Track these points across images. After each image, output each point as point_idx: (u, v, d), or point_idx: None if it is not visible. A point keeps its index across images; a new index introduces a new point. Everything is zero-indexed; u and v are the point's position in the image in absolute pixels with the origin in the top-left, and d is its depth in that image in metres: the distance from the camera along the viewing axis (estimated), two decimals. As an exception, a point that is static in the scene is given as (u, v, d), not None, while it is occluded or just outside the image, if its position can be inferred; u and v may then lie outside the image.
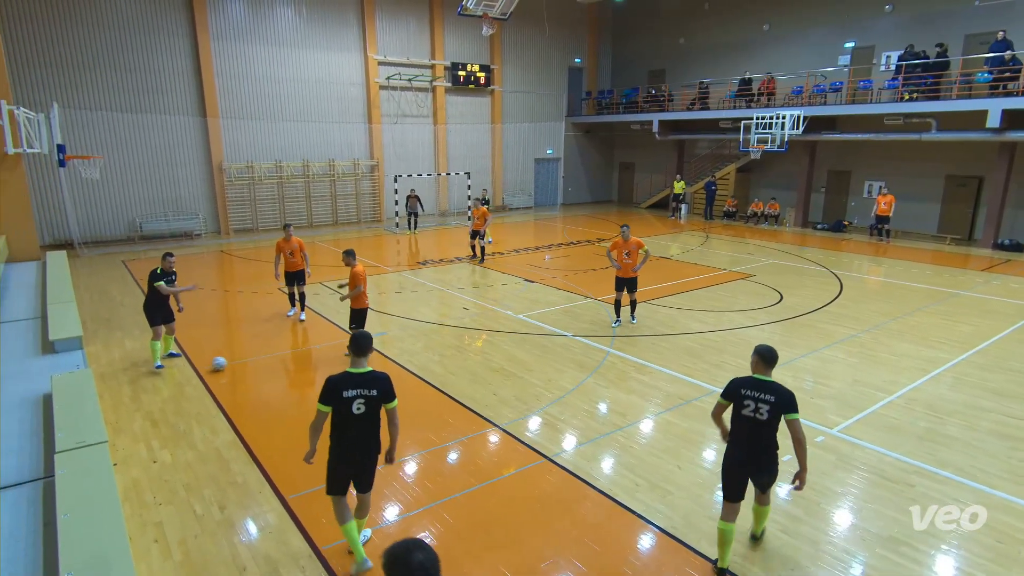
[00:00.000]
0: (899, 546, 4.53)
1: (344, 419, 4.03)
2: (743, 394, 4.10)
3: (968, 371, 7.95)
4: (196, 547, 4.51)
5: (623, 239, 9.40)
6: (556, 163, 27.13)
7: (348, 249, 8.18)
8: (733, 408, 4.17)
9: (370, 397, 4.01)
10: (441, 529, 4.74)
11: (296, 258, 9.97)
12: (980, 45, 16.71)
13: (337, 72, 20.66)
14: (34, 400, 5.73)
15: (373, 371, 4.07)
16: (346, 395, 3.98)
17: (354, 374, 4.03)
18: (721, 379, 7.68)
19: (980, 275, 13.68)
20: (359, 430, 4.07)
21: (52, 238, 16.56)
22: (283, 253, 9.97)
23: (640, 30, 26.73)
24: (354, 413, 4.00)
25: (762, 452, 4.12)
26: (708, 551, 4.46)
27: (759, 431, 4.06)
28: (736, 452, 4.18)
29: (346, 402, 3.98)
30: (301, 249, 10.01)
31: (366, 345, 4.08)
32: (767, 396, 4.01)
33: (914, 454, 5.83)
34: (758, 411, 4.03)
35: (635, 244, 9.39)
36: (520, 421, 6.57)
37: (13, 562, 3.58)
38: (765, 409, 4.01)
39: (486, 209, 15.05)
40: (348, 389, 3.99)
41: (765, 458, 4.14)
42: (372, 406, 4.05)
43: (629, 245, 9.38)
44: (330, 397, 3.98)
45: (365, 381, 4.02)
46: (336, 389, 3.98)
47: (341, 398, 3.98)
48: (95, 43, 16.52)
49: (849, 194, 20.61)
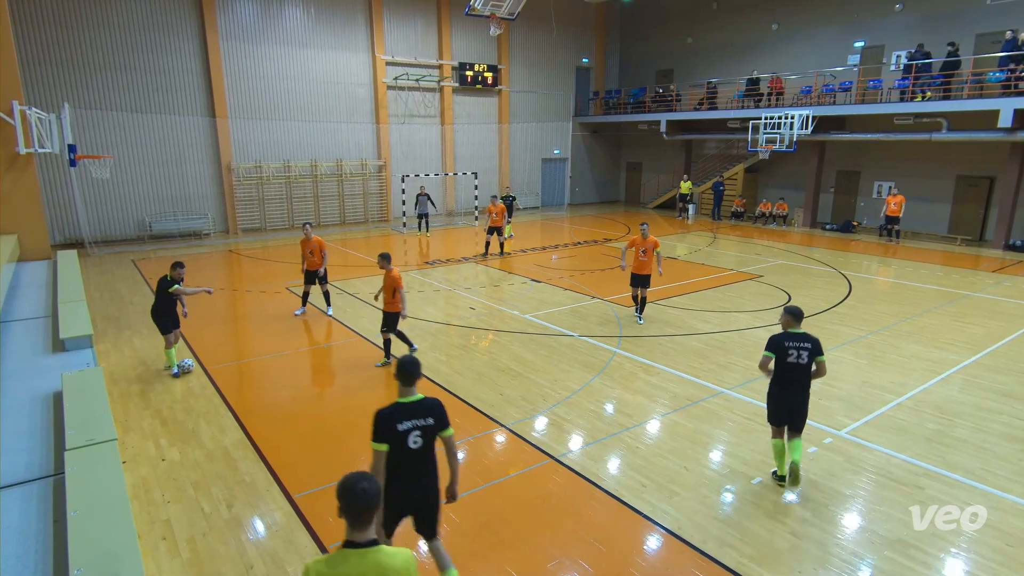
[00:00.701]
0: (908, 549, 4.49)
1: (399, 455, 3.52)
2: (787, 346, 5.13)
3: (978, 373, 7.87)
4: (204, 545, 4.54)
5: (642, 237, 9.62)
6: (563, 163, 27.09)
7: (383, 253, 8.01)
8: (777, 359, 5.16)
9: (426, 427, 3.57)
10: (447, 529, 4.74)
11: (315, 257, 10.02)
12: (991, 44, 16.55)
13: (345, 72, 20.74)
14: (44, 398, 5.79)
15: (425, 398, 3.64)
16: (401, 428, 3.51)
17: (406, 404, 3.57)
18: (728, 380, 7.65)
19: (991, 276, 13.54)
20: (417, 466, 3.60)
21: (63, 237, 16.73)
22: (305, 252, 10.10)
23: (648, 30, 26.66)
24: (411, 448, 3.52)
25: (802, 398, 5.22)
26: (715, 552, 4.44)
27: (801, 374, 5.17)
28: (780, 391, 5.25)
29: (401, 436, 3.51)
30: (320, 248, 10.03)
31: (415, 372, 3.62)
32: (805, 344, 5.12)
33: (923, 456, 5.78)
34: (800, 357, 5.12)
35: (652, 243, 9.63)
36: (526, 421, 6.57)
37: (23, 559, 3.62)
38: (805, 355, 5.11)
39: (503, 205, 15.59)
40: (402, 421, 3.51)
41: (805, 397, 5.23)
42: (429, 437, 3.60)
43: (647, 243, 9.62)
44: (384, 433, 3.48)
45: (419, 410, 3.57)
46: (389, 423, 3.50)
47: (396, 432, 3.50)
48: (105, 44, 16.68)
49: (858, 194, 20.46)
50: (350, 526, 2.38)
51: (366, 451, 5.96)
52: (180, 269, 7.64)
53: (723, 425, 6.47)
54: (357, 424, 6.66)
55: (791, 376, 5.15)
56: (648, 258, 9.62)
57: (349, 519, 2.38)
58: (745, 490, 5.26)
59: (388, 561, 2.40)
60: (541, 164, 26.53)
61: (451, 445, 3.72)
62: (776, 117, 18.02)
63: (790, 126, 17.67)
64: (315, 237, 10.06)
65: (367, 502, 2.35)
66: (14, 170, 11.92)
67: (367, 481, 2.38)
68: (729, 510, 4.99)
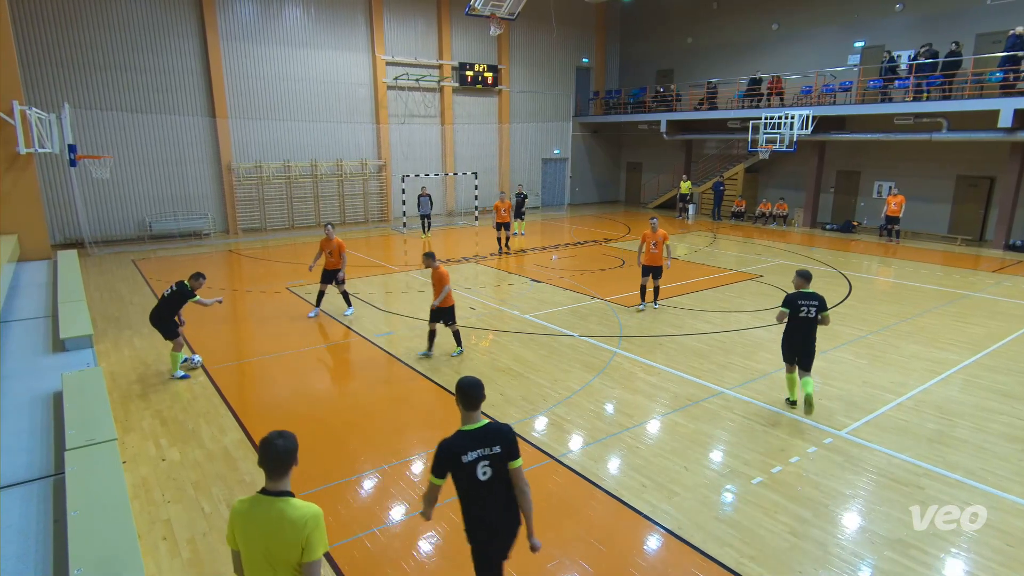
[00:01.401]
0: (908, 549, 4.49)
1: (469, 490, 3.21)
2: (799, 303, 6.45)
3: (978, 373, 7.87)
4: (204, 545, 4.54)
5: (652, 231, 10.37)
6: (563, 163, 27.09)
7: (428, 252, 8.24)
8: (791, 314, 6.46)
9: (495, 456, 3.19)
10: (448, 529, 4.74)
11: (334, 257, 10.10)
12: (992, 44, 16.54)
13: (345, 72, 20.75)
14: (44, 398, 5.79)
15: (491, 423, 3.28)
16: (466, 459, 3.15)
17: (470, 431, 3.21)
18: (728, 380, 7.65)
19: (991, 276, 13.54)
20: (491, 502, 3.24)
21: (63, 237, 16.73)
22: (324, 252, 10.15)
23: (648, 30, 26.66)
24: (480, 480, 3.17)
25: (810, 343, 6.52)
26: (715, 552, 4.44)
27: (810, 325, 6.47)
28: (794, 339, 6.54)
29: (467, 468, 3.15)
30: (340, 250, 10.11)
31: (479, 396, 3.25)
32: (813, 302, 6.42)
33: (923, 456, 5.78)
34: (809, 312, 6.42)
35: (662, 236, 10.38)
36: (526, 421, 6.57)
37: (24, 558, 3.62)
38: (813, 310, 6.41)
39: (510, 202, 16.47)
40: (467, 452, 3.15)
41: (812, 343, 6.52)
42: (499, 467, 3.21)
43: (657, 236, 10.35)
44: (446, 465, 3.16)
45: (485, 438, 3.20)
46: (452, 455, 3.15)
47: (460, 464, 3.15)
48: (105, 44, 16.68)
49: (858, 195, 20.46)
50: (266, 476, 2.63)
51: (366, 451, 6.00)
52: (201, 280, 7.59)
53: (723, 425, 6.47)
54: (356, 424, 6.66)
55: (802, 326, 6.50)
56: (659, 250, 10.35)
57: (265, 469, 2.62)
58: (745, 490, 5.26)
59: (291, 512, 2.57)
60: (541, 164, 26.54)
61: (518, 479, 3.26)
62: (776, 117, 18.02)
63: (790, 126, 17.67)
64: (336, 238, 10.13)
65: (278, 456, 2.59)
66: (14, 170, 11.92)
67: (283, 439, 2.62)
68: (729, 510, 4.99)
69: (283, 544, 2.56)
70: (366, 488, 5.37)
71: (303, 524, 2.56)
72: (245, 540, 2.62)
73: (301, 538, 2.55)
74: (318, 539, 2.58)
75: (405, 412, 6.94)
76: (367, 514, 4.96)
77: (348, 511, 4.98)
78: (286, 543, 2.56)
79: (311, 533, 2.56)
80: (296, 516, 2.57)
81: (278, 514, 2.58)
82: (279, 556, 2.57)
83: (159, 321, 7.57)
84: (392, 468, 5.66)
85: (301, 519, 2.57)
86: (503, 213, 16.00)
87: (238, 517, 2.64)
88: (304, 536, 2.55)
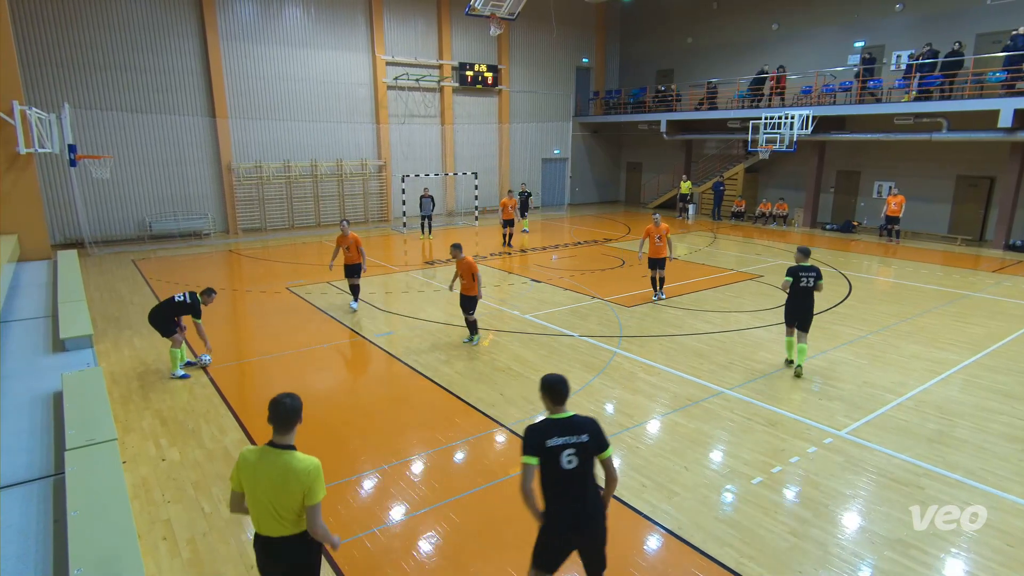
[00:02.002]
0: (908, 549, 4.49)
1: (552, 477, 3.25)
2: (800, 275, 7.56)
3: (978, 373, 7.87)
4: (204, 545, 4.54)
5: (655, 226, 11.02)
6: (563, 163, 27.10)
7: (455, 243, 8.75)
8: (792, 283, 7.56)
9: (581, 445, 3.25)
10: (448, 529, 4.74)
11: (352, 252, 10.39)
12: (992, 44, 16.54)
13: (345, 72, 20.75)
14: (44, 398, 5.79)
15: (577, 415, 3.35)
16: (551, 444, 3.22)
17: (557, 420, 3.30)
18: (728, 380, 7.65)
19: (991, 276, 13.54)
20: (574, 490, 3.28)
21: (63, 237, 16.73)
22: (341, 248, 10.47)
23: (648, 30, 26.66)
24: (564, 468, 3.22)
25: (809, 308, 7.64)
26: (715, 552, 4.44)
27: (808, 293, 7.60)
28: (795, 305, 7.66)
29: (552, 453, 3.22)
30: (357, 244, 10.38)
31: (564, 390, 3.37)
32: (812, 273, 7.54)
33: (923, 456, 5.78)
34: (808, 281, 7.56)
35: (664, 230, 11.04)
36: (527, 421, 6.55)
37: (24, 558, 3.62)
38: (811, 280, 7.55)
39: (515, 200, 17.43)
40: (553, 437, 3.23)
41: (811, 309, 7.66)
42: (586, 457, 3.26)
43: (660, 231, 10.99)
44: (534, 448, 3.24)
45: (572, 427, 3.28)
46: (539, 437, 3.24)
47: (545, 449, 3.22)
48: (105, 44, 16.68)
49: (858, 195, 20.46)
50: (274, 431, 3.03)
51: (366, 451, 6.00)
52: (212, 296, 7.76)
53: (723, 425, 6.47)
54: (356, 424, 6.66)
55: (801, 293, 7.62)
56: (663, 243, 11.01)
57: (273, 425, 3.02)
58: (745, 490, 5.25)
59: (295, 464, 2.97)
60: (541, 164, 26.53)
61: (611, 469, 3.35)
62: (776, 117, 18.02)
63: (790, 126, 17.67)
64: (352, 233, 10.47)
65: (286, 413, 3.00)
66: (14, 170, 11.92)
67: (291, 399, 3.04)
68: (729, 510, 4.99)
69: (287, 492, 2.96)
70: (366, 488, 5.37)
71: (306, 474, 2.96)
72: (252, 487, 3.01)
73: (304, 486, 2.95)
74: (319, 487, 2.99)
75: (405, 412, 6.94)
76: (367, 514, 4.96)
77: (348, 511, 4.98)
78: (290, 491, 2.96)
79: (313, 482, 2.97)
80: (300, 467, 2.97)
81: (284, 465, 2.98)
82: (283, 502, 2.98)
83: (160, 321, 7.56)
84: (392, 468, 5.66)
85: (304, 470, 2.97)
86: (509, 210, 16.88)
87: (246, 465, 3.03)
88: (307, 484, 2.95)
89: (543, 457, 3.23)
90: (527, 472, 3.24)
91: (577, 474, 3.24)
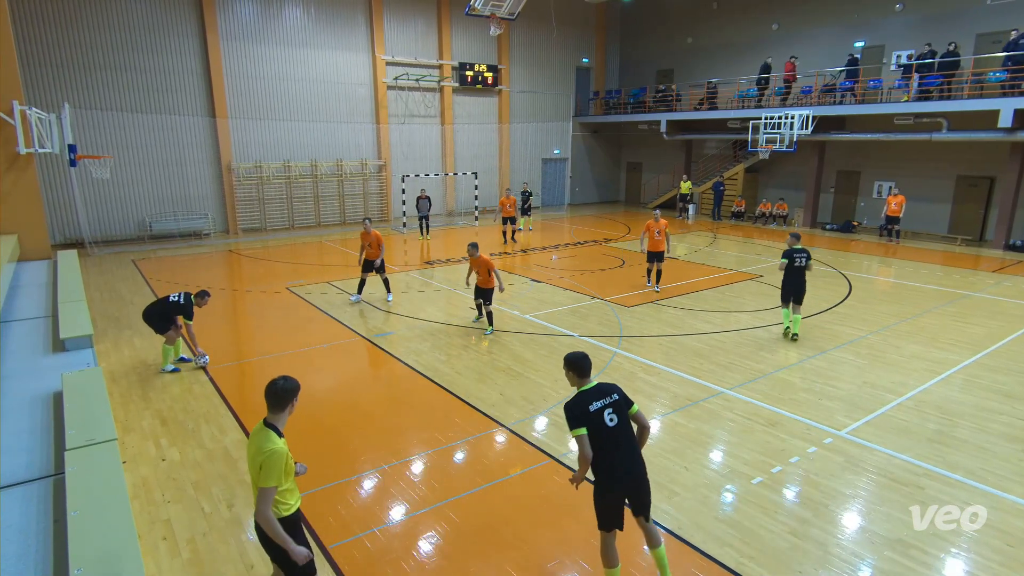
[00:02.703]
0: (908, 549, 4.48)
1: (601, 436, 3.73)
2: (794, 256, 8.80)
3: (979, 373, 7.87)
4: (204, 545, 4.54)
5: (655, 220, 11.78)
6: (563, 163, 27.09)
7: (472, 242, 9.45)
8: (788, 265, 8.83)
9: (615, 403, 3.83)
10: (447, 528, 4.74)
11: (373, 249, 11.03)
12: (992, 44, 16.54)
13: (345, 72, 20.74)
14: (44, 398, 5.78)
15: (600, 382, 3.94)
16: (593, 408, 3.75)
17: (588, 390, 3.86)
18: (728, 380, 7.65)
19: (991, 276, 13.54)
20: (620, 443, 3.78)
21: (63, 237, 16.72)
22: (364, 244, 11.08)
23: (648, 29, 26.65)
24: (608, 426, 3.76)
25: (802, 284, 8.92)
26: (715, 552, 4.44)
27: (801, 271, 8.82)
28: (790, 283, 8.94)
29: (596, 416, 3.74)
30: (378, 241, 11.03)
31: (587, 365, 3.94)
32: (804, 254, 8.82)
33: (924, 456, 5.78)
34: (801, 261, 8.79)
35: (663, 225, 11.80)
36: (527, 421, 6.56)
37: (24, 558, 3.62)
38: (804, 260, 8.79)
39: (514, 198, 17.90)
40: (593, 402, 3.78)
41: (803, 285, 8.92)
42: (621, 412, 3.83)
43: (660, 225, 11.74)
44: (581, 418, 3.72)
45: (602, 391, 3.86)
46: (582, 406, 3.75)
47: (590, 414, 3.73)
48: (105, 44, 16.67)
49: (858, 195, 20.45)
50: (268, 409, 3.30)
51: (366, 451, 6.00)
52: (206, 298, 7.81)
53: (723, 425, 6.47)
54: (356, 424, 6.66)
55: (795, 272, 8.80)
56: (662, 237, 11.72)
57: (266, 403, 3.30)
58: (746, 490, 5.25)
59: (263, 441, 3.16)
60: (541, 164, 26.53)
61: (642, 419, 3.99)
62: (776, 117, 18.01)
63: (790, 126, 17.66)
64: (374, 231, 11.07)
65: (276, 393, 3.29)
66: (14, 170, 11.91)
67: (284, 380, 3.33)
68: (729, 510, 4.99)
69: (253, 468, 3.15)
70: (366, 488, 5.37)
71: (260, 452, 3.11)
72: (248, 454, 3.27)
73: (257, 463, 3.10)
74: (270, 471, 3.08)
75: (405, 412, 6.94)
76: (367, 514, 4.96)
77: (348, 511, 4.98)
78: (253, 463, 3.16)
79: (264, 461, 3.08)
80: (262, 444, 3.13)
81: (257, 439, 3.20)
82: (251, 473, 3.19)
83: (154, 319, 7.65)
84: (392, 468, 5.65)
85: (262, 448, 3.11)
86: (508, 208, 17.38)
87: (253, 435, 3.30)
88: (259, 462, 3.09)
89: (590, 424, 3.72)
90: (582, 442, 3.70)
91: (620, 428, 3.80)
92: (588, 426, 3.71)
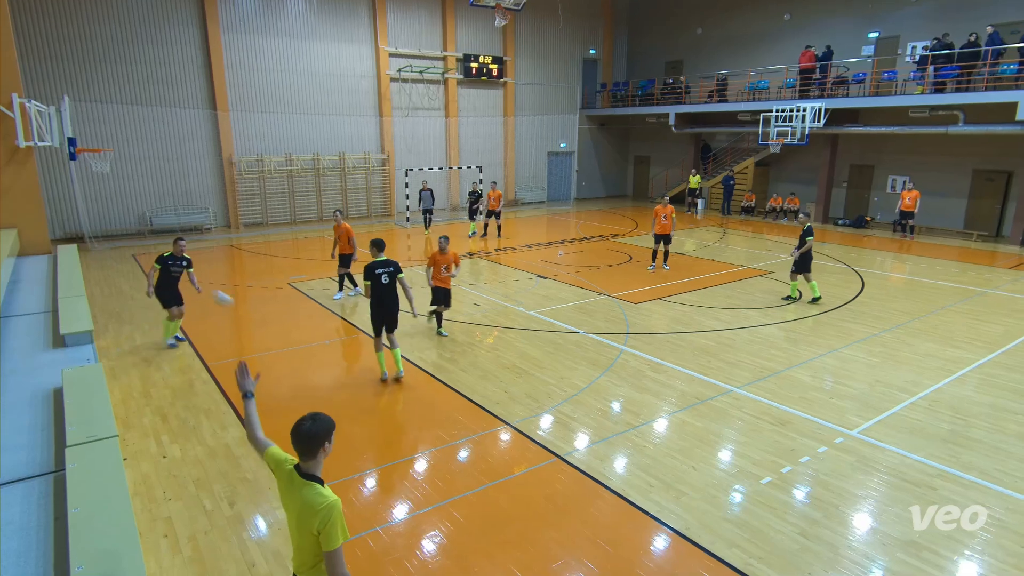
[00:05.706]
0: (920, 551, 4.38)
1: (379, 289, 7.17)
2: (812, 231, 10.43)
3: (995, 372, 7.71)
4: (206, 542, 4.49)
5: (663, 205, 12.81)
6: (570, 157, 26.89)
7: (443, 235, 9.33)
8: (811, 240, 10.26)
9: (390, 272, 7.21)
10: (452, 527, 4.67)
11: (343, 241, 10.96)
12: (1010, 35, 16.20)
13: (348, 64, 20.60)
14: (44, 394, 5.74)
15: (387, 259, 7.28)
16: (378, 272, 7.11)
17: (378, 261, 7.16)
18: (737, 378, 7.52)
19: (1008, 273, 13.31)
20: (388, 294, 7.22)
21: (63, 232, 16.69)
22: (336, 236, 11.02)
23: (656, 20, 26.34)
24: (384, 283, 7.13)
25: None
26: (723, 553, 4.35)
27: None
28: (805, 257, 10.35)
29: (378, 277, 7.13)
30: (347, 235, 10.90)
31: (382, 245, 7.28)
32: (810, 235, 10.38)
33: (937, 457, 5.66)
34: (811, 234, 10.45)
35: (670, 210, 12.80)
36: (532, 419, 6.48)
37: (24, 555, 3.58)
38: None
39: (500, 191, 17.67)
40: (378, 268, 7.14)
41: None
42: (392, 277, 7.26)
43: (666, 210, 12.75)
44: (369, 274, 7.10)
45: (386, 263, 7.23)
46: (373, 269, 7.11)
47: (375, 275, 7.11)
48: (105, 36, 16.60)
49: (872, 189, 20.17)
50: (298, 456, 2.78)
51: (367, 450, 5.95)
52: (181, 243, 8.39)
53: (732, 424, 6.36)
54: (358, 420, 6.60)
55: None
56: (668, 220, 12.76)
57: (296, 451, 2.77)
58: (755, 490, 5.15)
59: (312, 499, 2.67)
60: (547, 158, 26.33)
61: (405, 286, 7.26)
62: (788, 110, 17.75)
63: (802, 119, 17.40)
64: (344, 224, 10.96)
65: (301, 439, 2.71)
66: (14, 164, 11.86)
67: (311, 421, 2.73)
68: (738, 510, 4.89)
69: (306, 528, 2.69)
70: (369, 486, 5.31)
71: (315, 514, 2.64)
72: (284, 500, 2.84)
73: (315, 526, 2.63)
74: (331, 531, 2.62)
75: (408, 410, 6.88)
76: (370, 512, 4.90)
77: (350, 510, 4.92)
78: (306, 526, 2.68)
79: (325, 523, 2.62)
80: (312, 503, 2.66)
81: (303, 498, 2.70)
82: (302, 540, 2.73)
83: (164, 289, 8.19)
84: (395, 466, 5.59)
85: (315, 508, 2.65)
86: (492, 202, 17.37)
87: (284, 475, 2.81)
88: (317, 525, 2.63)
89: (373, 280, 7.04)
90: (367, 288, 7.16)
91: (390, 286, 7.17)
92: (372, 280, 7.03)
